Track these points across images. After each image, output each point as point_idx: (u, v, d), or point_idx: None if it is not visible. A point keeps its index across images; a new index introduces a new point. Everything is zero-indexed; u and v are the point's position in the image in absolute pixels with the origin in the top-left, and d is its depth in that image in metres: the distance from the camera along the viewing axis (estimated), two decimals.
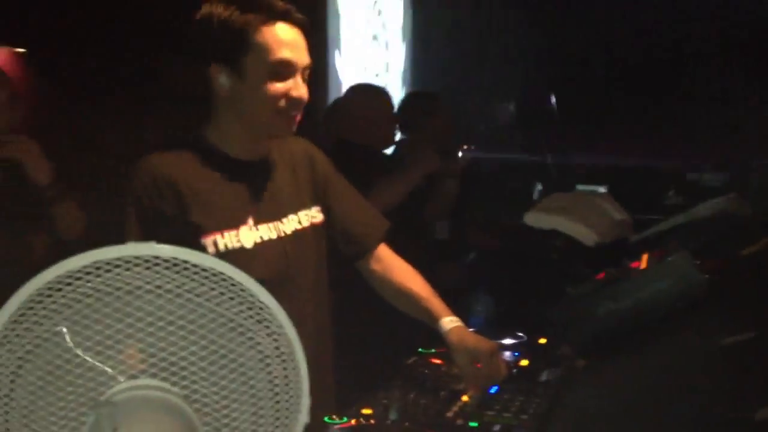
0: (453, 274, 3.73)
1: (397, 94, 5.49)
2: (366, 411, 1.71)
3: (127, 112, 3.66)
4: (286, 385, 0.92)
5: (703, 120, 5.52)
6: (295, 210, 1.76)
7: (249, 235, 1.66)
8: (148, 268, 0.87)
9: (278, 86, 1.61)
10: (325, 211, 1.85)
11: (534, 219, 2.80)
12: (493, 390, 1.82)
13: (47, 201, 2.51)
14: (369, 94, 3.31)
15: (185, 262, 0.88)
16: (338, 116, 3.31)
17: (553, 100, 6.23)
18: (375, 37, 5.64)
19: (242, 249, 1.64)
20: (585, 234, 2.63)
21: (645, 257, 1.73)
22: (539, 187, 5.92)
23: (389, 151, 3.56)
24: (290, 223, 1.75)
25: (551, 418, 1.55)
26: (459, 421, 1.67)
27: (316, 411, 0.94)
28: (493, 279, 4.10)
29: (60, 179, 2.54)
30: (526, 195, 5.71)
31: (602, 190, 5.23)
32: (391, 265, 1.95)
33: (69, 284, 0.85)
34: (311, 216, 1.80)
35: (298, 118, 1.68)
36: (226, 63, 1.61)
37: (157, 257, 0.87)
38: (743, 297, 1.50)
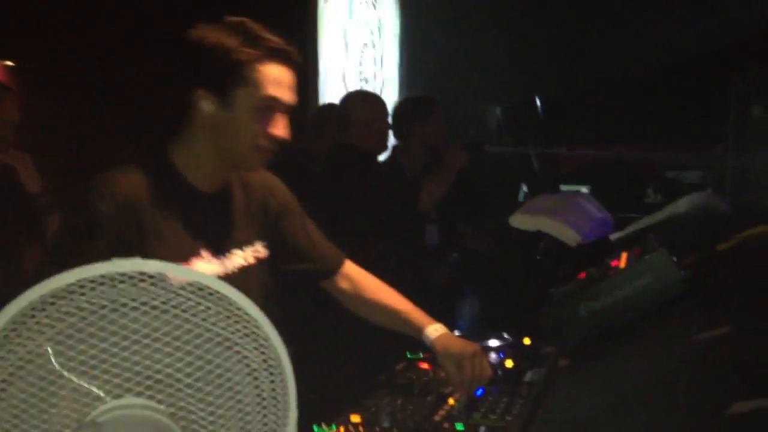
0: (444, 276, 3.77)
1: (388, 99, 5.54)
2: (355, 419, 1.72)
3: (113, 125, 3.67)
4: (274, 398, 0.92)
5: (682, 118, 5.58)
6: (241, 245, 1.73)
7: (203, 269, 1.62)
8: (133, 285, 0.87)
9: (262, 123, 1.60)
10: (276, 244, 1.82)
11: (519, 221, 2.82)
12: (479, 392, 1.84)
13: (40, 210, 2.56)
14: (367, 101, 3.43)
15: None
16: (336, 122, 3.43)
17: (539, 102, 6.28)
18: (366, 45, 5.69)
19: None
20: (568, 235, 2.66)
21: (624, 256, 1.75)
22: (524, 188, 5.96)
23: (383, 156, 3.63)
24: (236, 259, 1.71)
25: (535, 418, 1.56)
26: (446, 425, 1.68)
27: None
28: (478, 281, 4.12)
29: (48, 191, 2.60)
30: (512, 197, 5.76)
31: (585, 189, 5.28)
32: (364, 281, 1.96)
33: (53, 303, 0.85)
34: (255, 251, 1.77)
35: (271, 156, 1.66)
36: (215, 91, 1.58)
37: (142, 273, 0.87)
38: (719, 292, 1.52)
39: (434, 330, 1.84)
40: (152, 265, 0.87)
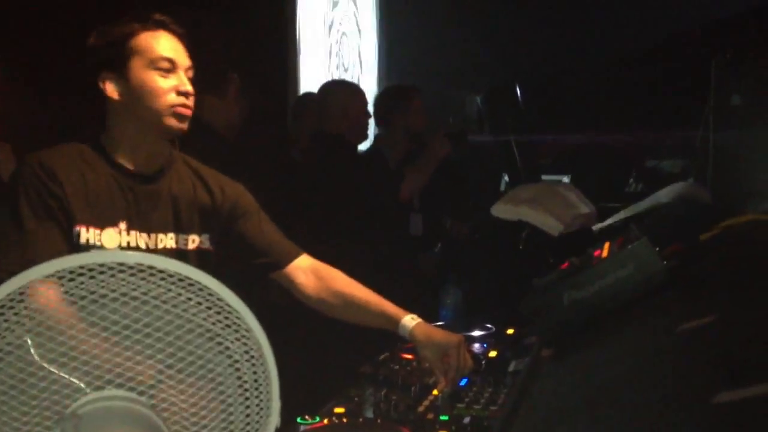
0: (431, 264, 3.76)
1: (368, 88, 5.53)
2: (338, 410, 1.72)
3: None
4: (256, 388, 0.92)
5: (662, 107, 5.60)
6: (176, 230, 1.78)
7: (114, 237, 1.70)
8: (112, 276, 0.86)
9: (163, 81, 1.72)
10: (228, 241, 1.86)
11: (501, 210, 2.82)
12: (463, 383, 1.84)
13: None
14: (344, 90, 3.44)
15: (151, 267, 0.87)
16: (316, 111, 3.42)
17: (518, 91, 6.28)
18: (345, 34, 5.66)
19: (102, 249, 1.67)
20: (550, 224, 2.66)
21: (607, 245, 1.76)
22: (506, 178, 5.97)
23: (364, 145, 3.62)
24: (166, 241, 1.76)
25: (519, 408, 1.57)
26: (430, 416, 1.68)
27: None
28: (461, 271, 4.13)
29: None
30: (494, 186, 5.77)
31: (566, 179, 5.30)
32: (330, 275, 1.92)
33: (32, 295, 0.84)
34: (198, 241, 1.81)
35: (188, 112, 1.75)
36: (113, 69, 1.72)
37: (121, 264, 0.86)
38: (702, 282, 1.53)
39: (411, 319, 1.83)
40: (131, 256, 0.86)
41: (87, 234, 1.66)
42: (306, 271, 1.93)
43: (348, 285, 1.92)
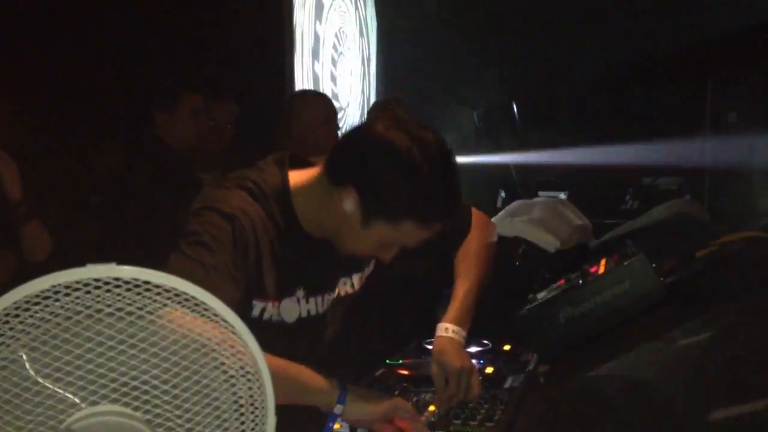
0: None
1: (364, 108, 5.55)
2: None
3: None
4: (252, 404, 0.91)
5: (659, 125, 5.64)
6: (349, 273, 1.78)
7: (293, 308, 1.65)
8: (108, 291, 0.86)
9: (381, 250, 1.60)
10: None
11: (497, 226, 2.83)
12: None
13: (17, 219, 2.51)
14: (302, 102, 3.29)
15: (147, 282, 0.87)
16: (280, 129, 3.29)
17: (515, 108, 6.32)
18: (342, 53, 5.68)
19: (282, 323, 1.63)
20: (547, 240, 2.67)
21: (603, 262, 1.76)
22: (502, 194, 5.99)
23: None
24: (342, 287, 1.77)
25: (516, 424, 1.56)
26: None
27: None
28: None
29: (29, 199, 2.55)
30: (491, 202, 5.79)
31: (563, 196, 5.32)
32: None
33: (27, 309, 0.84)
34: (360, 277, 1.82)
35: None
36: (375, 209, 1.50)
37: (117, 279, 0.86)
38: (699, 299, 1.53)
39: (445, 329, 1.81)
40: (127, 271, 0.86)
41: (268, 311, 1.60)
42: None
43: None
